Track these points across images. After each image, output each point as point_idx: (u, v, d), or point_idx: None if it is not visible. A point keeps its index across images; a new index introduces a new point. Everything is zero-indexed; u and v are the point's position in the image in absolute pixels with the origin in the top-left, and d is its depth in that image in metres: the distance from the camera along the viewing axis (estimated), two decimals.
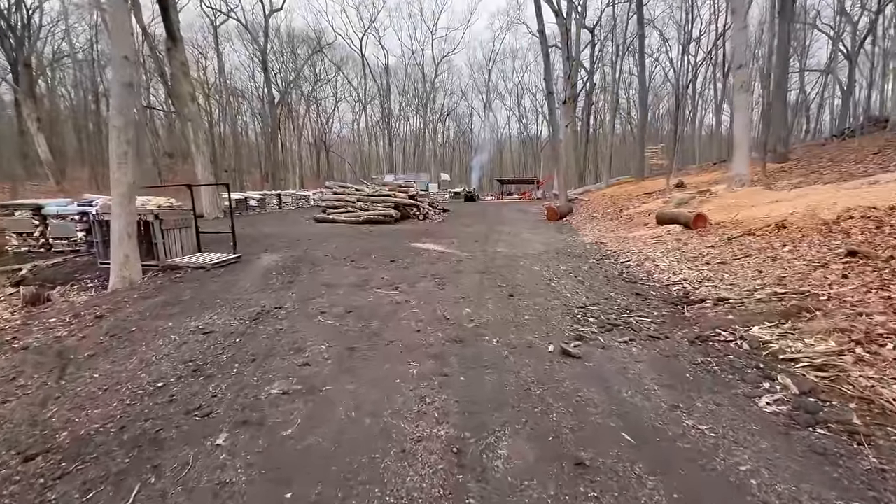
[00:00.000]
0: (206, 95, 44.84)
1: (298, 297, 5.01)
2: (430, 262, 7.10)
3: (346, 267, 6.91)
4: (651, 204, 13.24)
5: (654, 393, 2.52)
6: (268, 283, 5.82)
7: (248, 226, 14.39)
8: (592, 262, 6.98)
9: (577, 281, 5.54)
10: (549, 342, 3.36)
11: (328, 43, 43.94)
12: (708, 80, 41.40)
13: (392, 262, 7.22)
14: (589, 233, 11.03)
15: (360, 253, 8.30)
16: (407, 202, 16.30)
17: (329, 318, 4.10)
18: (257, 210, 22.90)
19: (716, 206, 9.09)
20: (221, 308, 4.62)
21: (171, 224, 7.52)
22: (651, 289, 5.05)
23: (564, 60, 22.83)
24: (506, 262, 6.98)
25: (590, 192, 23.89)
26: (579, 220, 14.19)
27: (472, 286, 5.30)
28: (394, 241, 9.93)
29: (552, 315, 4.07)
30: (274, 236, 11.32)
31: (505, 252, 8.11)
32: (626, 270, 6.17)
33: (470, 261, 7.21)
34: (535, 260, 7.22)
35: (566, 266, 6.60)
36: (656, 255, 6.72)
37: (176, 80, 16.19)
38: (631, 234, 9.19)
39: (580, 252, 8.00)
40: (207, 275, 6.62)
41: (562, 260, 7.18)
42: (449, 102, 58.00)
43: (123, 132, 6.72)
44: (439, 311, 4.22)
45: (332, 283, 5.73)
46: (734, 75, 10.26)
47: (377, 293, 5.09)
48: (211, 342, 3.53)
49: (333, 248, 9.04)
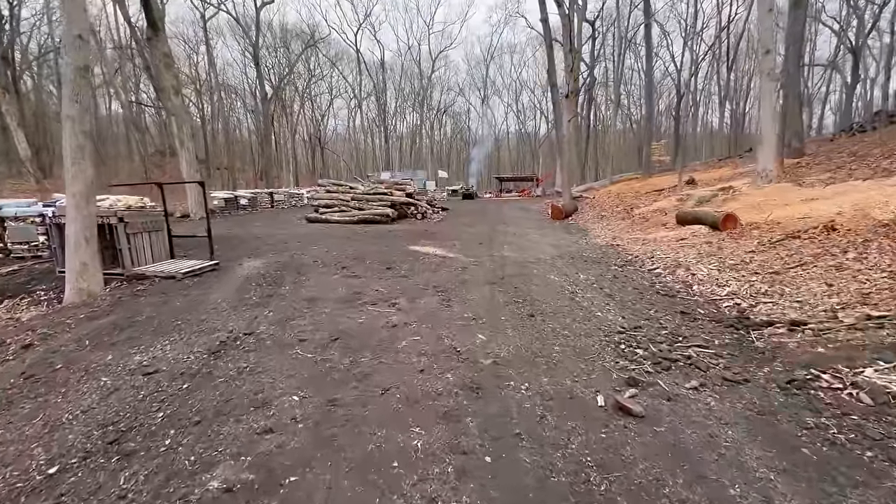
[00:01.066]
0: (198, 92, 43.80)
1: (276, 317, 4.18)
2: (432, 270, 6.27)
3: (335, 275, 6.07)
4: (663, 202, 12.46)
5: (772, 488, 1.71)
6: (243, 298, 4.98)
7: (235, 226, 13.53)
8: (615, 269, 6.17)
9: (604, 294, 4.73)
10: (595, 389, 2.55)
11: (322, 37, 42.89)
12: (710, 76, 40.73)
13: (388, 270, 6.39)
14: (601, 234, 10.22)
15: (353, 258, 7.46)
16: (404, 201, 15.45)
17: (308, 350, 3.27)
18: (248, 209, 22.00)
19: (743, 204, 8.31)
20: (179, 333, 3.78)
21: (139, 227, 6.65)
22: (696, 305, 4.25)
23: (567, 53, 21.97)
24: (517, 270, 6.16)
25: (593, 190, 23.11)
26: (587, 220, 13.39)
27: (482, 302, 4.48)
28: (390, 244, 9.10)
29: (588, 344, 3.25)
30: (261, 238, 10.46)
31: (514, 257, 7.29)
32: (657, 280, 5.37)
33: (476, 268, 6.39)
34: (548, 267, 6.40)
35: (586, 274, 5.78)
36: (688, 261, 5.92)
37: (158, 73, 15.25)
38: (650, 235, 8.39)
39: (597, 257, 7.19)
40: (177, 286, 5.77)
41: (579, 266, 6.37)
42: (446, 99, 57.07)
43: (78, 122, 5.85)
44: (447, 339, 3.40)
45: (318, 297, 4.90)
46: (760, 61, 9.49)
47: (370, 311, 4.26)
48: (150, 389, 2.69)
49: (324, 251, 8.19)
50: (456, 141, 64.91)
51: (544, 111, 56.90)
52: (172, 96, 15.16)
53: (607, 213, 13.42)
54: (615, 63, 40.22)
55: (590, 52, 35.29)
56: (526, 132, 59.59)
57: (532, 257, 7.25)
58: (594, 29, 34.38)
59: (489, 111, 58.07)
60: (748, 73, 44.48)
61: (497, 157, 62.92)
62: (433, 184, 37.68)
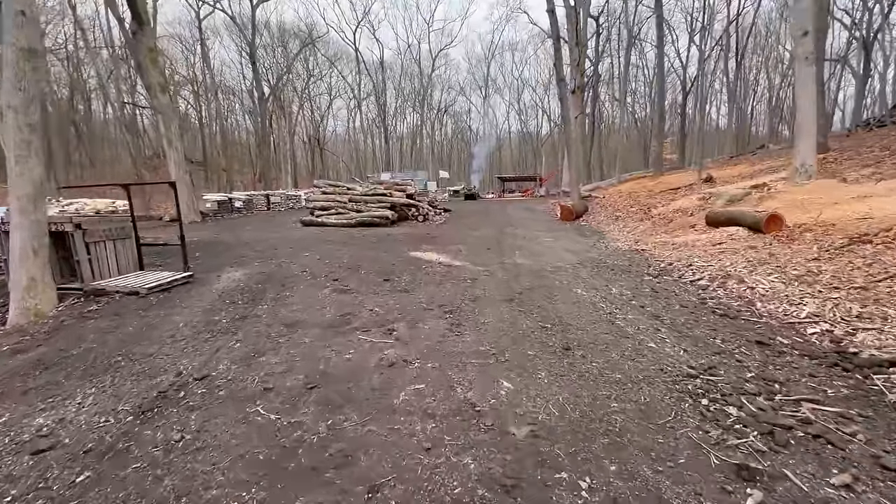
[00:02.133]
0: (196, 94, 43.04)
1: (243, 350, 3.31)
2: (437, 283, 5.40)
3: (324, 290, 5.21)
4: (682, 201, 11.58)
5: None
6: (210, 321, 4.12)
7: (225, 230, 12.68)
8: (650, 279, 5.29)
9: (649, 315, 3.85)
10: (693, 489, 1.68)
11: (319, 35, 42.08)
12: (716, 72, 39.78)
13: (386, 282, 5.53)
14: (620, 237, 9.34)
15: (347, 267, 6.61)
16: (404, 202, 14.60)
17: (274, 406, 2.40)
18: (243, 212, 21.23)
19: (784, 203, 7.42)
20: (114, 376, 2.93)
21: (100, 235, 5.80)
22: (770, 330, 3.37)
23: (573, 47, 21.08)
24: (535, 282, 5.29)
25: (601, 189, 22.22)
26: (600, 221, 12.51)
27: (501, 327, 3.61)
28: (389, 250, 8.24)
29: (654, 397, 2.38)
30: (249, 244, 9.62)
31: (528, 265, 6.42)
32: (706, 295, 4.49)
33: (487, 279, 5.51)
34: (571, 277, 5.53)
35: (618, 288, 4.91)
36: (738, 270, 5.04)
37: (144, 69, 14.43)
38: (678, 238, 7.51)
39: (624, 264, 6.31)
40: (137, 305, 4.92)
41: (607, 277, 5.49)
42: (447, 98, 56.24)
43: (23, 114, 5.01)
44: (460, 388, 2.53)
45: (300, 320, 4.04)
46: (796, 44, 8.62)
47: (361, 342, 3.39)
48: (25, 485, 1.83)
49: (315, 259, 7.34)
50: (457, 141, 64.08)
51: (546, 110, 56.07)
52: (159, 94, 14.33)
53: (622, 213, 12.53)
54: (620, 59, 39.38)
55: (594, 48, 34.40)
56: (528, 131, 58.76)
57: (549, 265, 6.38)
58: (598, 24, 33.52)
59: (490, 110, 57.25)
60: (754, 69, 43.61)
61: (499, 156, 62.06)
62: (434, 184, 36.87)
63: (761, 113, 47.29)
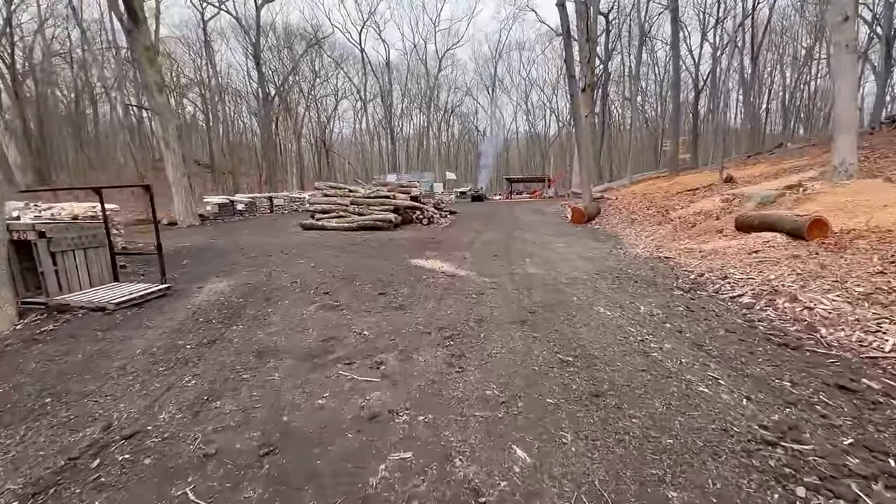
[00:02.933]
0: (203, 96, 42.96)
1: (197, 390, 2.72)
2: (437, 297, 4.77)
3: (311, 306, 4.61)
4: (703, 203, 10.84)
5: None
6: (174, 346, 3.54)
7: (222, 235, 12.19)
8: (681, 294, 4.62)
9: (691, 345, 3.19)
10: None
11: (325, 36, 41.77)
12: (730, 70, 38.68)
13: (381, 297, 4.92)
14: (638, 242, 8.65)
15: (342, 277, 6.02)
16: (408, 204, 14.02)
17: (209, 483, 1.80)
18: (245, 215, 20.84)
19: (825, 206, 6.68)
20: (30, 427, 2.35)
21: (68, 244, 5.27)
22: (850, 368, 2.69)
23: (583, 43, 20.39)
24: (550, 297, 4.64)
25: (612, 190, 21.43)
26: (615, 224, 11.80)
27: (511, 361, 2.98)
28: (390, 256, 7.64)
29: (728, 484, 1.73)
30: (244, 249, 9.10)
31: (541, 275, 5.77)
32: (753, 316, 3.81)
33: (494, 293, 4.88)
34: (590, 291, 4.87)
35: (647, 305, 4.24)
36: (785, 284, 4.35)
37: (141, 68, 14.04)
38: (706, 245, 6.81)
39: (648, 275, 5.64)
40: (100, 323, 4.36)
41: (631, 291, 4.83)
42: (453, 99, 55.68)
43: None
44: (459, 462, 1.91)
45: (275, 346, 3.44)
46: (835, 31, 7.87)
47: (340, 381, 2.78)
48: None
49: (309, 268, 6.78)
50: (464, 142, 63.48)
51: (554, 109, 55.28)
52: (156, 93, 13.92)
53: (638, 216, 11.80)
54: (630, 57, 38.55)
55: (603, 45, 33.59)
56: (535, 132, 57.97)
57: (564, 276, 5.72)
58: (608, 21, 32.73)
59: (497, 111, 56.57)
60: (768, 66, 42.38)
61: (506, 157, 61.34)
62: (441, 186, 36.34)
63: (774, 111, 46.06)
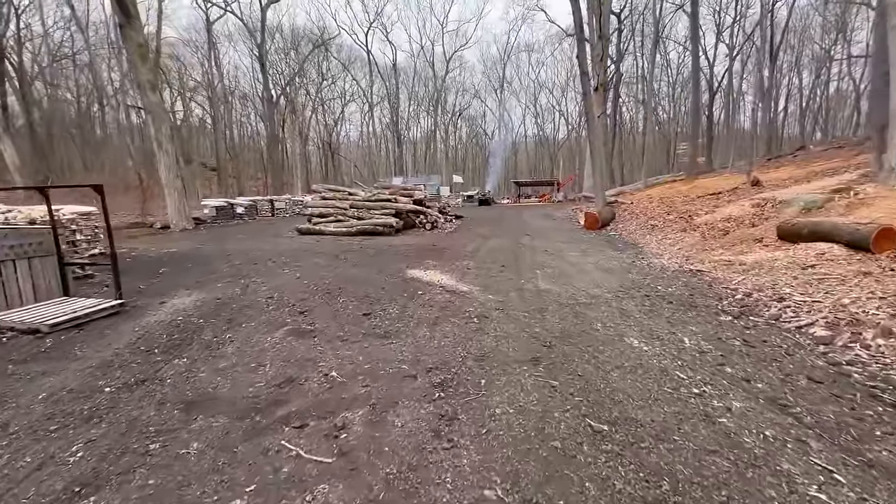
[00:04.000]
0: (210, 99, 42.79)
1: (72, 475, 1.91)
2: (431, 322, 3.95)
3: (279, 331, 3.82)
4: (731, 208, 9.90)
5: None
6: (86, 392, 2.75)
7: (213, 240, 11.50)
8: (728, 320, 3.74)
9: (770, 403, 2.32)
10: None
11: (331, 37, 41.35)
12: (745, 71, 37.53)
13: (365, 318, 4.12)
14: (662, 251, 7.75)
15: (326, 291, 5.24)
16: (411, 208, 13.24)
17: None
18: (245, 218, 20.26)
19: (885, 211, 5.74)
20: None
21: (5, 253, 4.55)
22: None
23: (595, 42, 19.53)
24: (568, 323, 3.80)
25: (626, 194, 20.46)
26: (632, 231, 10.88)
27: (522, 428, 2.14)
28: (384, 266, 6.85)
29: None
30: (230, 256, 8.39)
31: (556, 292, 4.93)
32: (836, 356, 2.92)
33: (500, 316, 4.05)
34: (617, 314, 4.01)
35: (690, 336, 3.37)
36: (868, 311, 3.45)
37: (133, 65, 13.48)
38: (745, 257, 5.91)
39: (682, 293, 4.76)
40: (21, 351, 3.60)
41: (667, 315, 3.96)
42: (461, 101, 54.99)
43: None
44: None
45: (213, 395, 2.64)
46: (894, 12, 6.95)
47: (280, 459, 1.96)
48: None
49: (294, 279, 6.02)
50: (472, 146, 62.72)
51: (563, 112, 54.36)
52: (149, 92, 13.33)
53: (658, 222, 10.88)
54: (643, 58, 37.65)
55: (615, 46, 32.70)
56: (544, 135, 57.03)
57: (583, 292, 4.87)
58: (620, 21, 31.86)
59: (506, 113, 55.76)
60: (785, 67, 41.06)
61: (514, 161, 60.43)
62: (447, 189, 35.58)
63: (790, 114, 44.63)
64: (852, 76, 38.99)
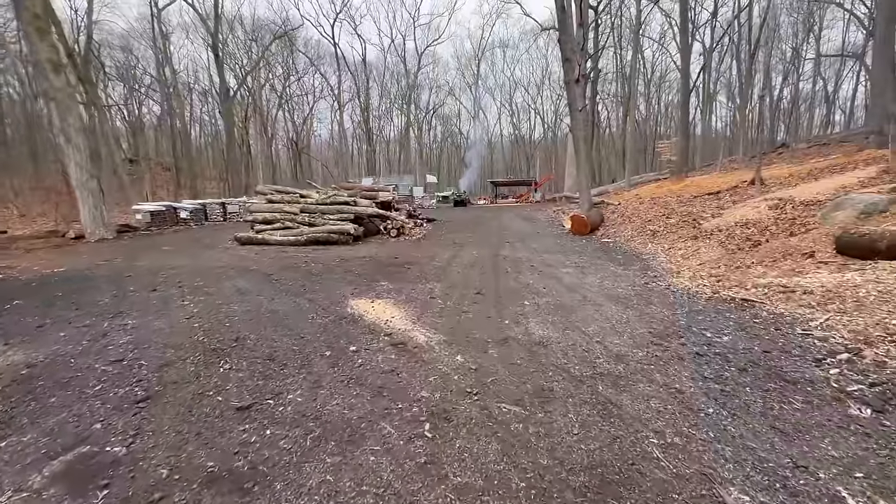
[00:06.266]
0: (163, 93, 39.45)
1: None
2: (351, 428, 2.16)
3: (46, 467, 1.96)
4: (744, 210, 8.52)
5: None
6: None
7: (128, 254, 9.33)
8: (868, 419, 2.13)
9: None
10: None
11: (294, 27, 38.80)
12: (721, 68, 37.31)
13: (236, 420, 2.30)
14: (676, 266, 6.19)
15: (213, 349, 3.38)
16: (372, 212, 11.38)
17: None
18: (189, 223, 17.95)
19: None
20: None
21: None
22: None
23: (576, 28, 18.12)
24: (601, 439, 2.08)
25: (610, 195, 19.18)
26: (628, 237, 9.37)
27: None
28: (322, 294, 5.02)
29: None
30: (127, 279, 6.42)
31: (560, 348, 3.23)
32: None
33: (473, 416, 2.29)
34: (675, 405, 2.33)
35: (826, 467, 1.73)
36: None
37: (29, 41, 11.11)
38: (801, 279, 4.38)
39: (745, 345, 3.14)
40: None
41: (759, 407, 2.30)
42: (435, 99, 53.21)
43: None
44: None
45: None
46: None
47: None
48: None
49: (183, 320, 4.13)
50: (447, 145, 61.06)
51: (539, 111, 53.46)
52: (51, 74, 10.99)
53: (657, 226, 9.40)
54: (620, 53, 36.92)
55: (593, 41, 31.63)
56: (520, 134, 55.94)
57: (601, 349, 3.19)
58: (597, 14, 30.77)
59: (481, 112, 54.38)
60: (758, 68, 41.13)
61: (490, 160, 59.15)
62: (421, 189, 33.75)
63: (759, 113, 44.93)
64: (822, 75, 39.43)
